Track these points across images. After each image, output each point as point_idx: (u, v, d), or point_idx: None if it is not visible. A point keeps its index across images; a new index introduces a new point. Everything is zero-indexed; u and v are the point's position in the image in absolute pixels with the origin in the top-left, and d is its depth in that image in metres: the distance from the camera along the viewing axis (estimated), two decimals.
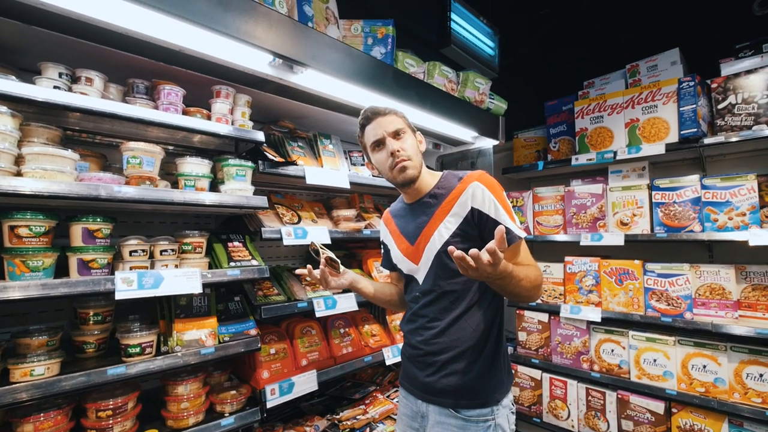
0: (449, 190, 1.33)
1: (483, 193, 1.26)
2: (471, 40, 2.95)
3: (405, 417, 1.44)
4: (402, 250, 1.44)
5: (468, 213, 1.27)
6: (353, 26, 2.15)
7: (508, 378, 1.36)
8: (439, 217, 1.32)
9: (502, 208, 1.25)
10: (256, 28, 1.51)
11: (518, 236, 1.25)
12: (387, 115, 1.35)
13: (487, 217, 1.25)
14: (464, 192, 1.29)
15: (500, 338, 1.36)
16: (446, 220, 1.30)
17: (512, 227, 1.24)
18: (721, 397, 2.18)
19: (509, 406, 1.33)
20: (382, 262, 1.65)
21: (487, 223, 1.25)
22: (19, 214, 1.23)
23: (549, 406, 2.82)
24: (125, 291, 1.33)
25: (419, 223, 1.37)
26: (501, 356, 1.35)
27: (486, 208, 1.25)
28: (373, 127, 1.35)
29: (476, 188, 1.27)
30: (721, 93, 2.33)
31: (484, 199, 1.26)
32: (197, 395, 1.58)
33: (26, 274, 1.22)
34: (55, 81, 1.36)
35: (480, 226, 1.27)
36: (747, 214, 2.18)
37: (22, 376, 1.21)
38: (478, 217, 1.26)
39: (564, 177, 3.12)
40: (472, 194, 1.27)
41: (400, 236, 1.46)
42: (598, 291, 2.67)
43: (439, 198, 1.35)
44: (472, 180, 1.29)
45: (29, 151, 1.24)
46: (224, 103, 1.70)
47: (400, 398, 1.48)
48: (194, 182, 1.61)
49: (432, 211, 1.35)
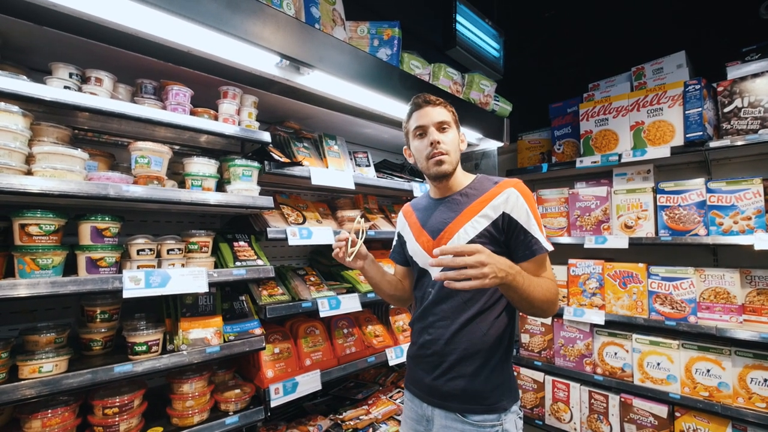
0: (482, 192, 1.33)
1: (517, 200, 1.26)
2: (476, 42, 2.95)
3: (409, 420, 1.43)
4: (421, 243, 1.42)
5: (499, 217, 1.26)
6: (359, 28, 2.16)
7: (515, 383, 1.36)
8: (468, 215, 1.31)
9: (534, 218, 1.25)
10: (263, 29, 1.52)
11: (545, 248, 1.24)
12: (437, 106, 1.36)
13: (516, 223, 1.25)
14: (498, 195, 1.28)
15: (511, 344, 1.35)
16: (474, 219, 1.29)
17: (540, 239, 1.24)
18: (725, 401, 2.17)
19: (517, 412, 1.32)
20: (392, 254, 1.63)
21: (515, 230, 1.25)
22: (29, 213, 1.25)
23: (551, 408, 2.81)
24: (133, 289, 1.34)
25: (444, 219, 1.36)
26: (510, 362, 1.35)
27: (517, 214, 1.25)
28: (420, 114, 1.35)
29: (511, 194, 1.27)
30: (727, 96, 2.32)
31: (517, 206, 1.25)
32: (202, 394, 1.59)
33: (36, 271, 1.23)
34: (66, 81, 1.37)
35: (508, 231, 1.27)
36: (752, 218, 2.17)
37: (31, 373, 1.22)
38: (508, 223, 1.26)
39: (568, 179, 3.12)
40: (506, 199, 1.27)
41: (420, 229, 1.44)
42: (602, 294, 2.66)
43: (470, 197, 1.34)
44: (508, 186, 1.29)
45: (39, 150, 1.25)
46: (231, 104, 1.71)
47: (405, 401, 1.47)
48: (201, 182, 1.62)
49: (460, 209, 1.33)
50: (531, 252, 1.24)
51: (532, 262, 1.25)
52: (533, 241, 1.24)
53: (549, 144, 3.22)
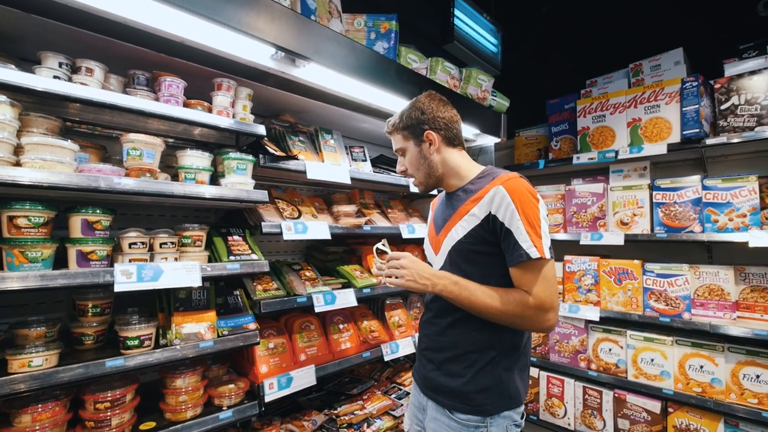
0: (478, 189, 1.27)
1: (503, 200, 1.17)
2: (474, 37, 2.93)
3: (413, 406, 1.49)
4: (430, 237, 1.46)
5: (485, 217, 1.21)
6: (356, 20, 2.13)
7: (517, 391, 1.26)
8: (460, 214, 1.29)
9: (521, 219, 1.14)
10: (258, 20, 1.50)
11: (528, 255, 1.11)
12: (391, 135, 1.44)
13: (501, 224, 1.17)
14: (487, 194, 1.22)
15: (512, 350, 1.26)
16: (464, 218, 1.26)
17: (524, 243, 1.12)
18: (718, 397, 2.18)
19: (511, 418, 1.25)
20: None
21: (501, 232, 1.18)
22: (18, 205, 1.22)
23: (546, 404, 2.83)
24: (124, 283, 1.32)
25: (447, 215, 1.35)
26: (508, 368, 1.25)
27: (501, 215, 1.17)
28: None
29: (497, 192, 1.19)
30: (724, 94, 2.32)
31: (501, 206, 1.17)
32: (195, 388, 1.58)
33: (25, 264, 1.21)
34: (55, 71, 1.34)
35: (495, 232, 1.20)
36: (747, 216, 2.18)
37: (20, 367, 1.20)
38: (493, 223, 1.19)
39: (565, 176, 3.12)
40: (491, 198, 1.20)
41: (431, 223, 1.49)
42: (597, 290, 2.67)
43: (468, 194, 1.30)
44: (497, 183, 1.21)
45: (28, 141, 1.22)
46: (225, 96, 1.69)
47: (412, 386, 1.53)
48: (195, 175, 1.60)
49: (457, 206, 1.32)
50: (513, 258, 1.16)
51: (518, 268, 1.16)
52: (516, 246, 1.14)
53: (546, 140, 3.22)
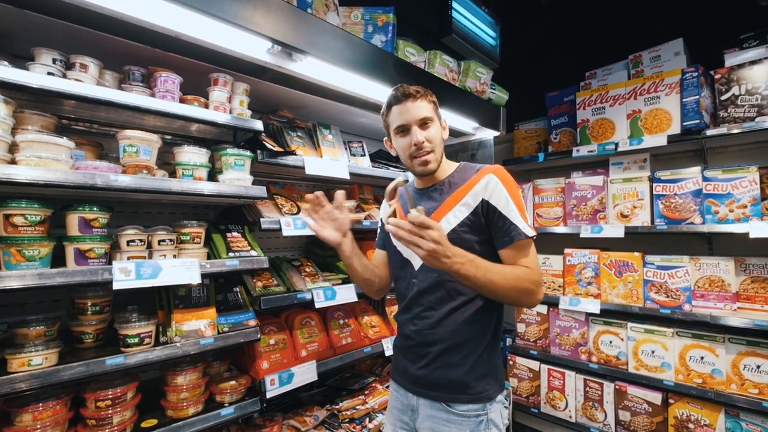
0: (464, 180, 1.31)
1: (496, 186, 1.24)
2: (472, 30, 2.91)
3: (395, 410, 1.42)
4: None
5: (479, 204, 1.25)
6: (353, 13, 2.11)
7: (502, 374, 1.35)
8: (449, 205, 1.30)
9: (514, 203, 1.23)
10: (254, 13, 1.48)
11: (524, 234, 1.21)
12: (418, 99, 1.28)
13: (495, 209, 1.23)
14: (478, 183, 1.26)
15: (497, 334, 1.34)
16: (456, 208, 1.28)
17: (520, 224, 1.21)
18: (719, 388, 2.19)
19: (502, 401, 1.32)
20: (377, 242, 1.62)
21: (495, 216, 1.23)
22: (14, 203, 1.21)
23: (547, 396, 2.84)
24: (123, 281, 1.31)
25: (427, 209, 1.34)
26: (497, 352, 1.33)
27: (495, 200, 1.23)
28: (400, 111, 1.29)
29: (491, 180, 1.25)
30: (724, 84, 2.31)
31: (495, 192, 1.23)
32: (196, 385, 1.58)
33: (22, 263, 1.20)
34: (49, 67, 1.33)
35: (487, 218, 1.25)
36: (748, 207, 2.17)
37: (20, 366, 1.20)
38: (486, 209, 1.24)
39: (565, 169, 3.11)
40: (485, 185, 1.25)
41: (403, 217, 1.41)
42: (598, 283, 2.67)
43: (452, 187, 1.33)
44: (488, 172, 1.27)
45: (23, 138, 1.21)
46: (222, 92, 1.67)
47: (391, 391, 1.46)
48: (192, 171, 1.59)
49: (443, 199, 1.32)
50: (510, 238, 1.21)
51: (512, 248, 1.22)
52: (512, 227, 1.21)
53: (545, 133, 3.20)
